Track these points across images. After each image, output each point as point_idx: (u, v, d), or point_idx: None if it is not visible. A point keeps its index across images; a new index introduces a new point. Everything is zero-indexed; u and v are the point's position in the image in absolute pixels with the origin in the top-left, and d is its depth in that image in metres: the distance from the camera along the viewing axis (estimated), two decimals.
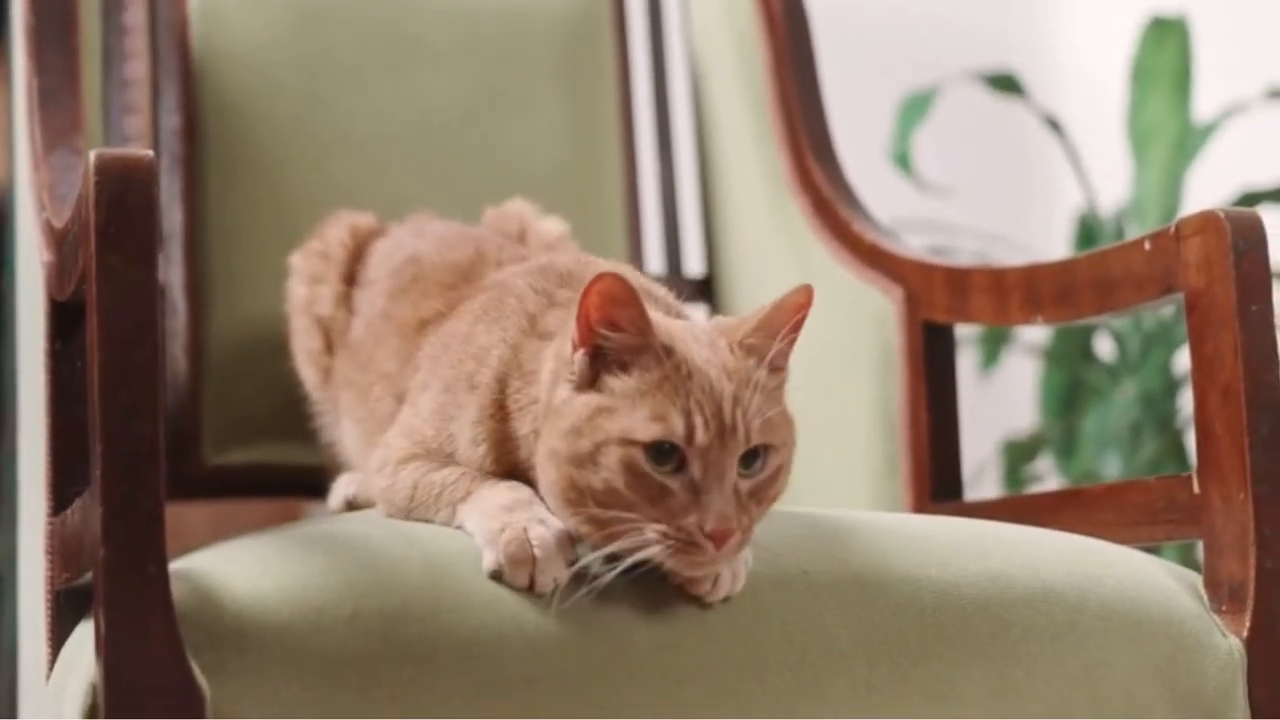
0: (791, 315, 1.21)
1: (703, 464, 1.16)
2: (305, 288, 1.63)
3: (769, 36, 1.92)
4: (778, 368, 1.22)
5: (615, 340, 1.18)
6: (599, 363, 1.19)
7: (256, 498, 1.84)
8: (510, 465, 1.27)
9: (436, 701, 1.12)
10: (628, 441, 1.16)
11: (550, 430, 1.19)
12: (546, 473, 1.19)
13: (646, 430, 1.15)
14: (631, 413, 1.16)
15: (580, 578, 1.17)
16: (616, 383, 1.18)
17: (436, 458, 1.31)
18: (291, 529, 1.31)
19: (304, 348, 1.62)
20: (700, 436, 1.15)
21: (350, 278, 1.61)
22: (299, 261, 1.65)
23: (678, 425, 1.15)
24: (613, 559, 1.15)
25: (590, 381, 1.19)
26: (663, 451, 1.15)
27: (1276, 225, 1.91)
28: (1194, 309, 1.39)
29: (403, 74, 1.85)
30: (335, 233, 1.64)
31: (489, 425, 1.28)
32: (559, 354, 1.22)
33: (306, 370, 1.63)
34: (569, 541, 1.18)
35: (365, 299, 1.57)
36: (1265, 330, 1.36)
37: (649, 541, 1.15)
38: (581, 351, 1.19)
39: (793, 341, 1.22)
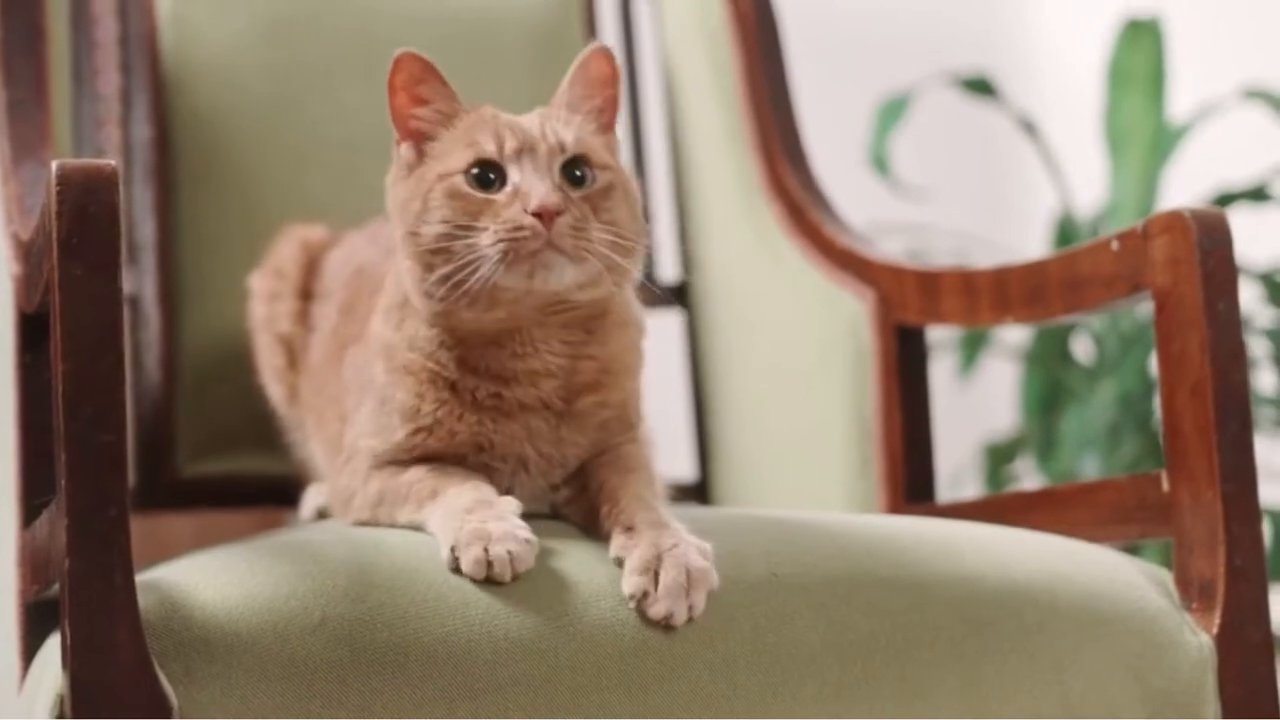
0: (600, 85, 1.30)
1: (520, 171, 1.24)
2: (264, 306, 1.63)
3: (740, 41, 1.92)
4: (602, 128, 1.30)
5: (426, 116, 1.28)
6: (421, 145, 1.28)
7: (232, 508, 1.84)
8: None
9: (406, 707, 1.12)
10: (446, 175, 1.25)
11: (396, 231, 1.28)
12: (406, 272, 1.26)
13: (460, 159, 1.25)
14: (447, 156, 1.26)
15: (564, 581, 1.17)
16: (435, 146, 1.28)
17: (417, 454, 1.31)
18: (261, 539, 1.31)
19: (268, 365, 1.63)
20: (509, 147, 1.24)
21: (306, 292, 1.61)
22: (256, 281, 1.65)
23: (488, 145, 1.25)
24: (458, 287, 1.22)
25: (415, 168, 1.28)
26: (482, 176, 1.24)
27: (1249, 224, 1.92)
28: (1162, 308, 1.39)
29: (373, 80, 1.82)
30: (288, 249, 1.64)
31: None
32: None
33: (273, 388, 1.63)
34: (528, 531, 1.19)
35: (320, 313, 1.58)
36: (1232, 328, 1.36)
37: (483, 251, 1.21)
38: (404, 144, 1.29)
39: (614, 110, 1.30)
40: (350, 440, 1.36)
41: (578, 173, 1.26)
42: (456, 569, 1.17)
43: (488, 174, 1.25)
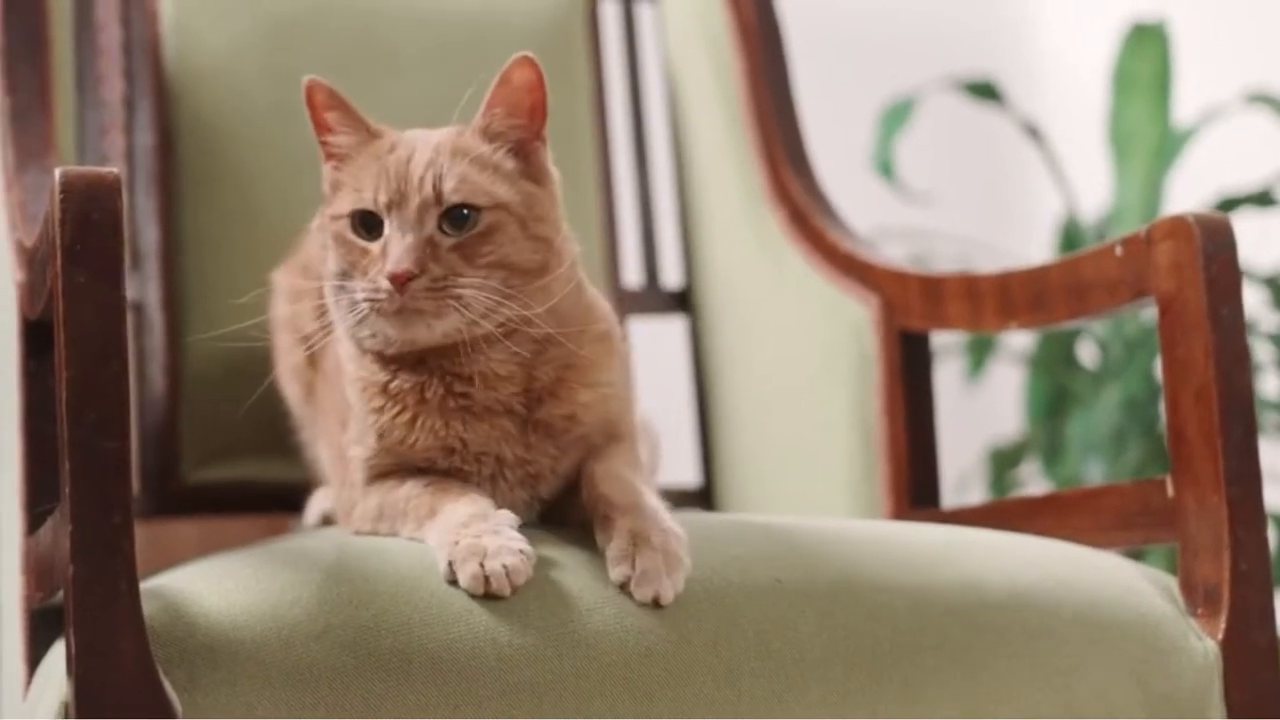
0: (525, 93, 1.29)
1: (394, 223, 1.25)
2: (287, 304, 1.63)
3: (743, 47, 1.92)
4: (521, 145, 1.29)
5: (336, 142, 1.31)
6: (336, 174, 1.30)
7: (236, 514, 1.84)
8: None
9: (409, 715, 1.12)
10: (337, 217, 1.28)
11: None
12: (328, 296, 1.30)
13: (344, 203, 1.28)
14: (341, 194, 1.28)
15: (567, 589, 1.18)
16: (342, 175, 1.30)
17: (394, 462, 1.32)
18: (265, 546, 1.31)
19: (287, 362, 1.63)
20: (383, 199, 1.25)
21: None
22: (280, 277, 1.65)
23: (366, 193, 1.26)
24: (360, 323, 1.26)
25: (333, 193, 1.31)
26: (366, 222, 1.26)
27: (1253, 229, 1.92)
28: (1166, 313, 1.39)
29: (374, 85, 1.85)
30: (315, 247, 1.64)
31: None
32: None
33: (290, 386, 1.63)
34: (524, 543, 1.19)
35: None
36: (1236, 333, 1.36)
37: (358, 304, 1.26)
38: (329, 164, 1.31)
39: (541, 120, 1.29)
40: (346, 447, 1.36)
41: (464, 212, 1.26)
42: (454, 583, 1.18)
43: (370, 220, 1.27)
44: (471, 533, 1.19)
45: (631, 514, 1.23)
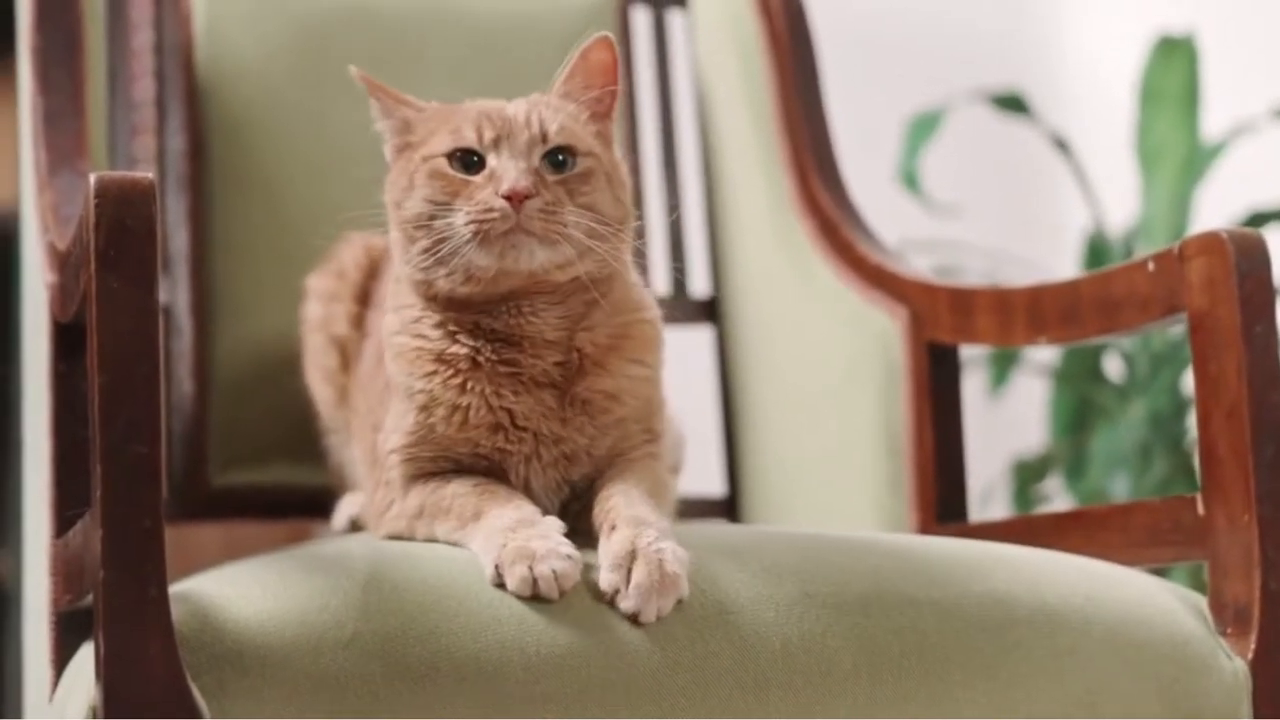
0: (599, 73, 1.34)
1: (498, 156, 1.29)
2: (321, 306, 1.63)
3: (773, 57, 1.92)
4: (596, 115, 1.35)
5: (392, 126, 1.36)
6: (400, 147, 1.36)
7: (262, 519, 1.84)
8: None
9: None
10: (430, 157, 1.31)
11: (387, 207, 1.34)
12: (393, 242, 1.34)
13: (442, 143, 1.31)
14: (432, 140, 1.32)
15: (595, 598, 1.17)
16: (415, 137, 1.34)
17: (434, 453, 1.32)
18: (293, 551, 1.31)
19: (319, 366, 1.63)
20: (488, 135, 1.30)
21: (364, 298, 1.61)
22: (314, 281, 1.65)
23: (468, 133, 1.31)
24: (437, 260, 1.28)
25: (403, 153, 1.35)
26: (464, 160, 1.30)
27: None
28: (1198, 330, 1.39)
29: (404, 89, 1.85)
30: (350, 253, 1.65)
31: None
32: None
33: (321, 389, 1.63)
34: (571, 548, 1.19)
35: (375, 320, 1.58)
36: (1269, 351, 1.36)
37: (457, 230, 1.27)
38: (392, 131, 1.37)
39: (613, 97, 1.35)
40: (380, 447, 1.36)
41: (560, 158, 1.31)
42: (500, 586, 1.18)
43: (470, 159, 1.31)
44: (520, 537, 1.19)
45: (635, 526, 1.23)
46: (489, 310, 1.31)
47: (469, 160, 1.30)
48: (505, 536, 1.20)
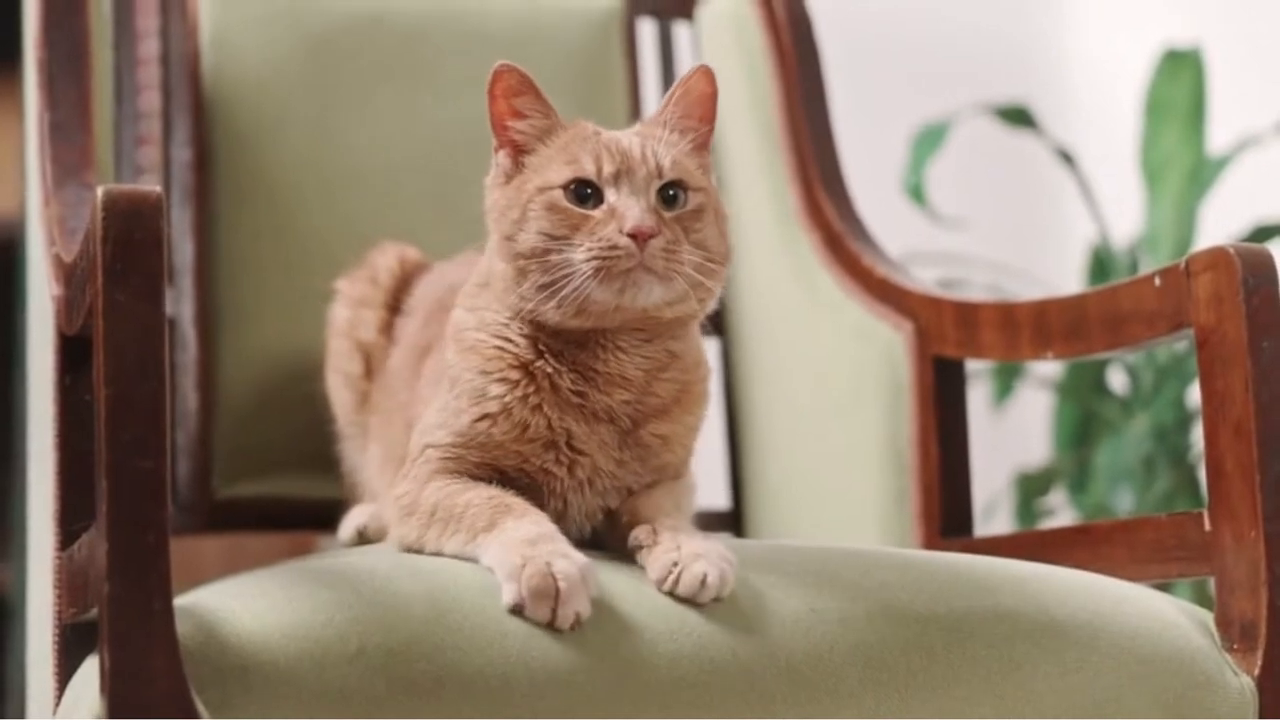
0: (698, 103, 1.34)
1: (616, 191, 1.28)
2: (349, 311, 1.63)
3: (779, 69, 1.92)
4: (698, 147, 1.35)
5: (523, 129, 1.33)
6: (518, 156, 1.33)
7: (267, 531, 1.84)
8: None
9: None
10: (546, 189, 1.30)
11: (492, 233, 1.33)
12: (499, 274, 1.32)
13: (560, 174, 1.30)
14: (546, 169, 1.31)
15: (601, 613, 1.17)
16: (533, 159, 1.32)
17: (478, 458, 1.32)
18: (298, 563, 1.31)
19: (341, 371, 1.63)
20: (608, 169, 1.29)
21: (395, 306, 1.62)
22: (345, 285, 1.65)
23: (588, 165, 1.29)
24: (552, 295, 1.27)
25: (513, 176, 1.33)
26: (580, 192, 1.29)
27: None
28: (1204, 345, 1.38)
29: (412, 103, 1.86)
30: (384, 260, 1.65)
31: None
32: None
33: (341, 394, 1.63)
34: (593, 574, 1.19)
35: (404, 328, 1.58)
36: (1276, 367, 1.35)
37: (577, 266, 1.26)
38: (502, 152, 1.34)
39: (710, 129, 1.36)
40: (414, 442, 1.36)
41: (671, 193, 1.30)
42: (517, 612, 1.17)
43: (585, 190, 1.30)
44: (540, 555, 1.18)
45: (677, 521, 1.26)
46: (579, 340, 1.31)
47: (583, 193, 1.29)
48: (524, 552, 1.19)
